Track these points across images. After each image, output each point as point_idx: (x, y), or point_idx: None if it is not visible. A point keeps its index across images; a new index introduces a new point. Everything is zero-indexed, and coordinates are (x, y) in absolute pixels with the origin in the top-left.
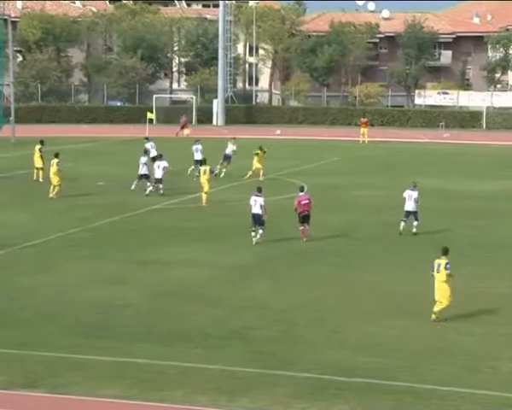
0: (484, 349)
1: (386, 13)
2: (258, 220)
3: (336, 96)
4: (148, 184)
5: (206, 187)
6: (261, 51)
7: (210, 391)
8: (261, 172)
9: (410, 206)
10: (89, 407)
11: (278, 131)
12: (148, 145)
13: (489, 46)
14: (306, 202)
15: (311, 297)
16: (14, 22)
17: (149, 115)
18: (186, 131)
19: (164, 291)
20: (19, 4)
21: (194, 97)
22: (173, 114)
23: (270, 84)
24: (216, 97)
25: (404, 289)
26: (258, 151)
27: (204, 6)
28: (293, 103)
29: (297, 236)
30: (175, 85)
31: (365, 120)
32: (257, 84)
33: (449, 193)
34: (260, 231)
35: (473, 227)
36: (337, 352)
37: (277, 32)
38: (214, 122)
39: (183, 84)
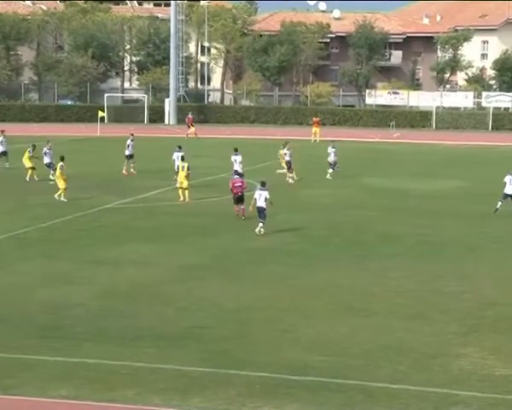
0: (433, 347)
1: (337, 13)
2: (261, 213)
3: (288, 95)
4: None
5: (185, 183)
6: (213, 50)
7: (163, 391)
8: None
9: (509, 189)
10: (40, 407)
11: (228, 132)
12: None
13: (438, 46)
14: (239, 184)
15: (263, 296)
16: None
17: (101, 114)
18: (192, 129)
19: (115, 291)
20: None
21: (146, 96)
22: (125, 112)
23: (222, 84)
24: (168, 96)
25: (354, 288)
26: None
27: (155, 5)
28: (244, 103)
29: (251, 235)
30: (126, 84)
31: (317, 119)
32: (209, 83)
33: (397, 192)
34: (260, 224)
35: (422, 226)
36: (289, 351)
37: (229, 31)
38: (166, 121)
39: (135, 83)
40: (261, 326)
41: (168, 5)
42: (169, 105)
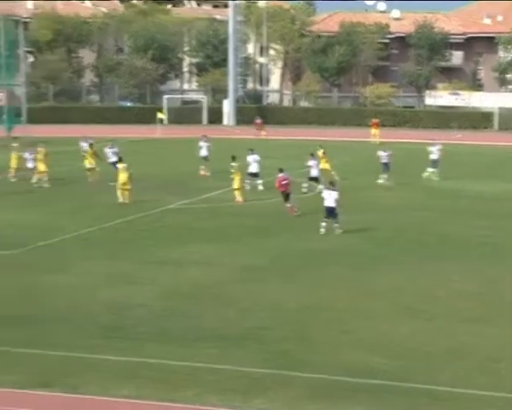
0: (497, 351)
1: (396, 13)
2: (331, 213)
3: (347, 96)
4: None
5: (236, 184)
6: (272, 51)
7: (223, 391)
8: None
9: None
10: (102, 406)
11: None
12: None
13: (500, 47)
14: (286, 181)
15: (323, 297)
16: (25, 23)
17: (160, 115)
18: (263, 133)
19: (178, 291)
20: (30, 5)
21: (205, 98)
22: (184, 114)
23: (281, 85)
24: (226, 98)
25: (415, 290)
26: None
27: (214, 6)
28: (303, 104)
29: (310, 236)
30: (186, 86)
31: (376, 120)
32: (267, 84)
33: (457, 193)
34: (336, 224)
35: (483, 228)
36: (350, 353)
37: (288, 32)
38: (225, 122)
39: (194, 85)
40: (322, 327)
41: (227, 6)
42: (228, 106)
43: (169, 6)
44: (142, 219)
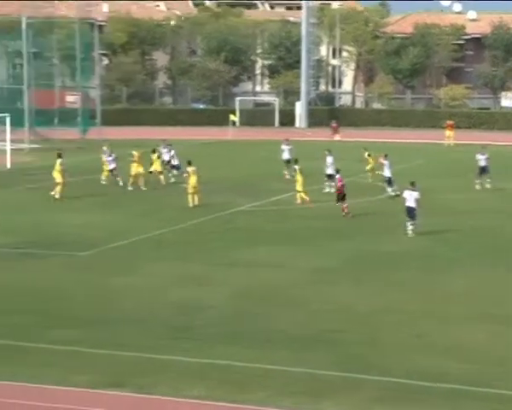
0: None
1: (472, 14)
2: (410, 213)
3: (420, 98)
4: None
5: (298, 186)
6: (344, 53)
7: (294, 394)
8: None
9: None
10: (173, 406)
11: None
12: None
13: None
14: (342, 183)
15: (395, 300)
16: (100, 26)
17: (232, 117)
18: (337, 137)
19: (248, 293)
20: (105, 8)
21: (277, 100)
22: (256, 116)
23: (353, 87)
24: (299, 100)
25: (490, 294)
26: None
27: (287, 8)
28: (376, 106)
29: (381, 238)
30: (258, 88)
31: (451, 122)
32: (340, 86)
33: None
34: (412, 226)
35: None
36: (423, 356)
37: (361, 33)
38: (297, 124)
39: (266, 87)
40: (394, 331)
41: (300, 8)
42: (300, 108)
43: (242, 9)
44: (212, 221)
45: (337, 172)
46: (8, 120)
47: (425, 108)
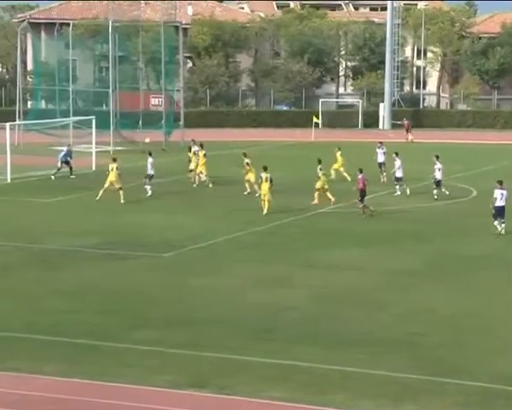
0: None
1: None
2: (500, 212)
3: (508, 99)
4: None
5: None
6: (429, 54)
7: (374, 397)
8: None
9: None
10: (254, 408)
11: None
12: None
13: None
14: (365, 182)
15: (479, 304)
16: (184, 29)
17: (315, 119)
18: (410, 137)
19: (329, 295)
20: (189, 11)
21: (360, 101)
22: (339, 117)
23: (438, 88)
24: (382, 101)
25: None
26: None
27: (372, 9)
28: (461, 107)
29: (464, 241)
30: (341, 89)
31: None
32: (424, 87)
33: None
34: (504, 224)
35: None
36: (507, 362)
37: (447, 34)
38: (380, 126)
39: (350, 88)
40: (477, 334)
41: (384, 9)
42: (384, 110)
43: (327, 10)
44: (293, 222)
45: (360, 171)
46: (93, 122)
47: (511, 109)
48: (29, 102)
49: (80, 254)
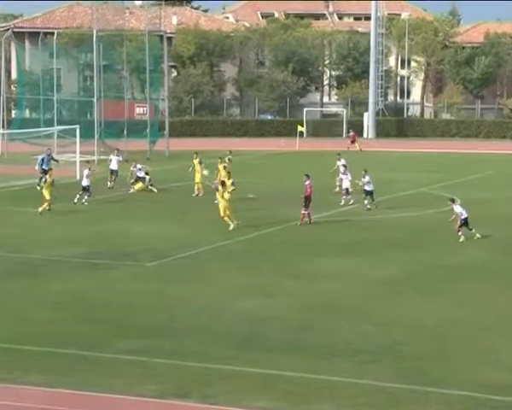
0: None
1: None
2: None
3: (490, 108)
4: None
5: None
6: (413, 64)
7: (360, 406)
8: None
9: None
10: None
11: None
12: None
13: None
14: (311, 188)
15: (462, 314)
16: (169, 38)
17: (300, 128)
18: (357, 146)
19: (313, 304)
20: (174, 21)
21: (344, 110)
22: (323, 126)
23: (422, 97)
24: (367, 110)
25: None
26: None
27: (355, 19)
28: (445, 116)
29: (448, 251)
30: (325, 99)
31: None
32: (408, 96)
33: None
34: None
35: None
36: (491, 371)
37: (430, 43)
38: (365, 135)
39: (334, 98)
40: (461, 344)
41: (368, 19)
42: (368, 119)
43: (311, 20)
44: (278, 232)
45: (308, 177)
46: (77, 132)
47: (495, 118)
48: (13, 112)
49: (64, 263)
